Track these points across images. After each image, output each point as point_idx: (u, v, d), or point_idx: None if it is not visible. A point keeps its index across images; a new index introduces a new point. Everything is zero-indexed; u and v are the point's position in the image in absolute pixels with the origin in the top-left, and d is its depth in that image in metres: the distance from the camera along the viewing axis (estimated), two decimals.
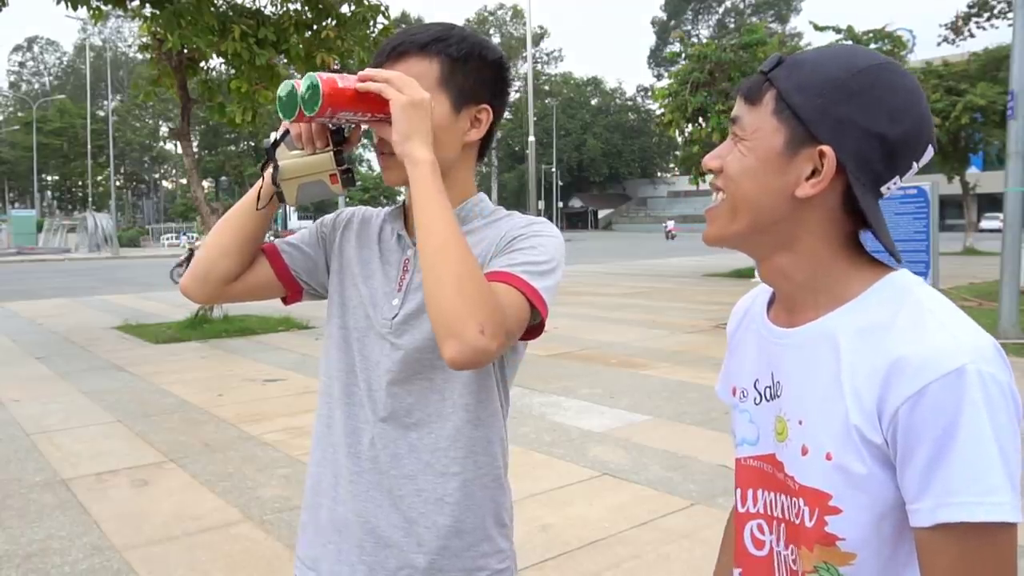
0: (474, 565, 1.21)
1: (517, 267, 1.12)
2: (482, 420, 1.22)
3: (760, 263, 0.95)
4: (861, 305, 0.87)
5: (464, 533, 1.21)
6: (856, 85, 0.85)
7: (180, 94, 10.37)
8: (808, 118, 0.85)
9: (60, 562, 3.42)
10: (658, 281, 18.08)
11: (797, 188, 0.86)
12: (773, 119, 0.88)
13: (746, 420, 1.00)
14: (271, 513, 3.99)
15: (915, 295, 0.85)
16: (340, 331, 1.28)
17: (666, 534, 3.61)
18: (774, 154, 0.87)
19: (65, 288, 18.23)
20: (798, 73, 0.87)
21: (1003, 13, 25.49)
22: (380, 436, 1.21)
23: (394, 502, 1.20)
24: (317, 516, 1.29)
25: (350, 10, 10.33)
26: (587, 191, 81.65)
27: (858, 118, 0.84)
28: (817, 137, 0.85)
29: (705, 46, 17.69)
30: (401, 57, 1.18)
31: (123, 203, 69.35)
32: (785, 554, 0.93)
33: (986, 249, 24.27)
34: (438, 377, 1.19)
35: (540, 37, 75.63)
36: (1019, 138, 8.63)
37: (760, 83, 0.90)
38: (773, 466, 0.94)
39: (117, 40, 73.24)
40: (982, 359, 0.77)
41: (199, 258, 1.28)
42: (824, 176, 0.85)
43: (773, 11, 71.59)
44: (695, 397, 6.23)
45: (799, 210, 0.88)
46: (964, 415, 0.75)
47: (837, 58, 0.87)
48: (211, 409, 6.16)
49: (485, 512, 1.23)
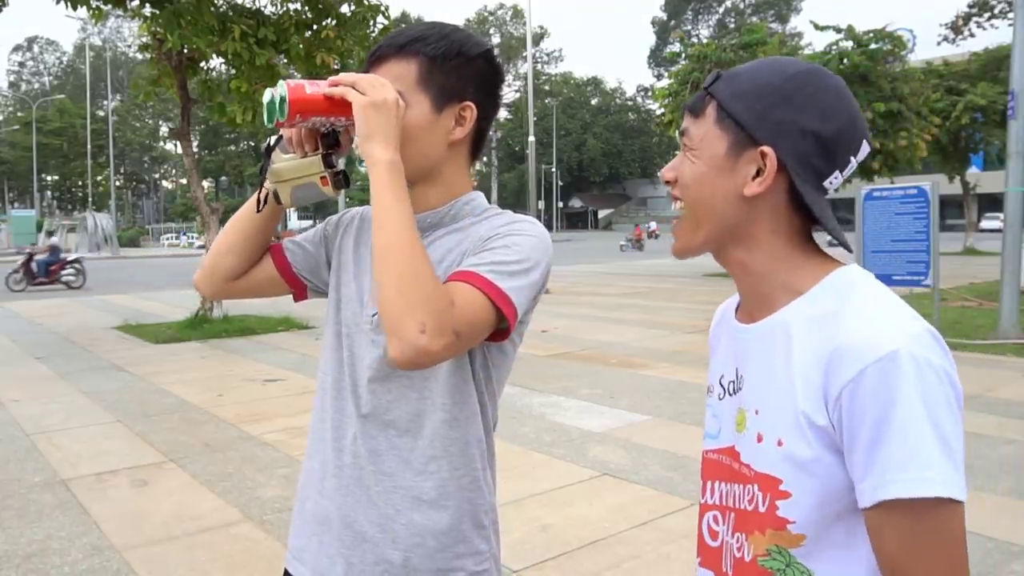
0: (449, 566, 1.21)
1: (483, 267, 1.12)
2: (459, 421, 1.22)
3: (722, 261, 1.01)
4: (812, 298, 0.92)
5: (439, 533, 1.21)
6: (789, 88, 0.92)
7: (180, 94, 10.37)
8: (748, 123, 0.92)
9: (60, 562, 3.42)
10: (658, 281, 18.08)
11: (745, 188, 0.93)
12: (716, 127, 0.95)
13: (710, 415, 1.07)
14: (271, 513, 3.99)
15: (860, 288, 0.90)
16: (335, 327, 1.30)
17: (666, 534, 3.61)
18: (719, 159, 0.95)
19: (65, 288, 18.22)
20: (735, 83, 0.95)
21: (1003, 13, 25.49)
22: (361, 432, 1.23)
23: (371, 498, 1.22)
24: (304, 508, 1.32)
25: (350, 10, 10.34)
26: (587, 191, 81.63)
27: (794, 118, 0.91)
28: (757, 140, 0.92)
29: (705, 46, 17.73)
30: (382, 61, 1.20)
31: (123, 203, 69.37)
32: (731, 542, 0.98)
33: (986, 249, 24.28)
34: (417, 376, 1.20)
35: (540, 37, 75.62)
36: (1019, 138, 8.63)
37: (702, 97, 0.98)
38: (731, 457, 0.99)
39: (117, 40, 73.35)
40: (916, 344, 0.82)
41: (209, 255, 1.37)
42: (767, 174, 0.92)
43: (773, 11, 71.56)
44: (695, 397, 6.22)
45: (751, 209, 0.94)
46: (899, 397, 0.80)
47: (770, 67, 0.95)
48: (211, 409, 6.16)
49: (462, 513, 1.23)
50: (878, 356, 0.81)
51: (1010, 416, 5.55)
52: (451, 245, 1.22)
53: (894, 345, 0.81)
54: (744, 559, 0.94)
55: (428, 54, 1.18)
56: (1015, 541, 3.48)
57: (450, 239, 1.23)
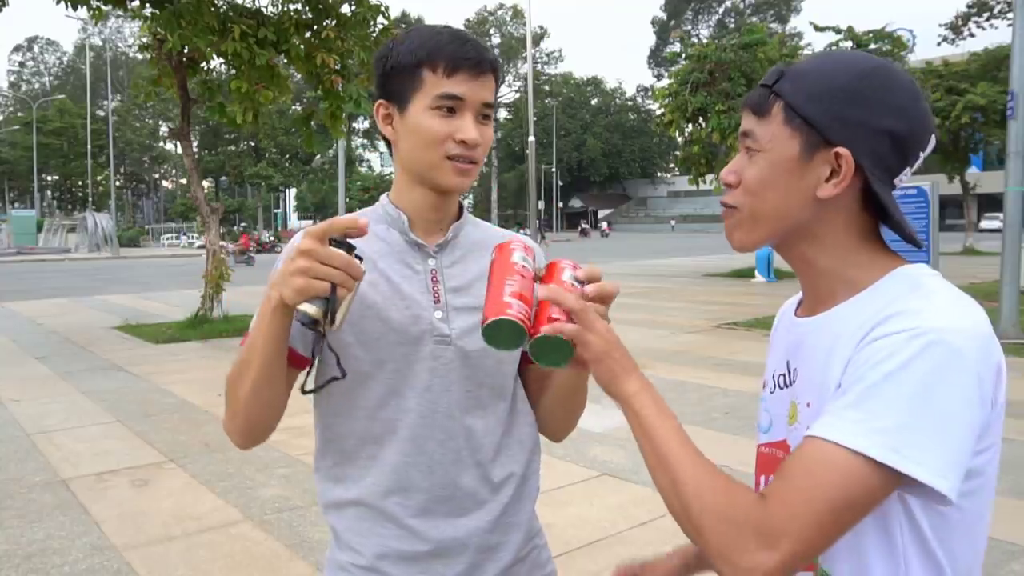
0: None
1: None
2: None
3: (786, 256, 0.99)
4: (874, 292, 0.91)
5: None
6: (863, 88, 0.90)
7: (180, 94, 10.37)
8: (822, 124, 0.90)
9: (60, 562, 3.42)
10: (658, 281, 18.07)
11: (818, 190, 0.91)
12: (786, 128, 0.92)
13: (762, 409, 1.06)
14: (271, 513, 3.99)
15: (927, 284, 0.88)
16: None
17: (666, 534, 3.61)
18: (791, 161, 0.92)
19: (65, 288, 18.22)
20: (803, 82, 0.92)
21: (1003, 13, 25.50)
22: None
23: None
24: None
25: (350, 10, 10.32)
26: (587, 191, 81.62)
27: (868, 119, 0.89)
28: (831, 141, 0.90)
29: (705, 46, 17.71)
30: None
31: (123, 203, 69.34)
32: None
33: (986, 249, 24.26)
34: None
35: (540, 37, 75.55)
36: (1019, 138, 8.63)
37: (765, 96, 0.94)
38: (783, 451, 0.98)
39: (117, 40, 73.32)
40: (959, 335, 0.80)
41: (242, 424, 1.19)
42: (844, 176, 0.90)
43: (773, 11, 71.59)
44: (695, 397, 6.22)
45: (821, 209, 0.93)
46: (912, 366, 0.78)
47: (839, 64, 0.93)
48: (211, 409, 6.16)
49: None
50: (909, 327, 0.80)
51: (1010, 416, 5.50)
52: None
53: (933, 328, 0.80)
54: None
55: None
56: (1015, 541, 3.48)
57: None
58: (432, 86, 1.15)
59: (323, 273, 0.97)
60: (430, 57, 1.15)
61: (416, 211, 1.24)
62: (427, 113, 1.15)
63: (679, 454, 0.87)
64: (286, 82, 10.64)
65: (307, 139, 11.25)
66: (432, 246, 1.23)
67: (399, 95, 1.18)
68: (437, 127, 1.15)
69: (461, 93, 1.15)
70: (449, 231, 1.25)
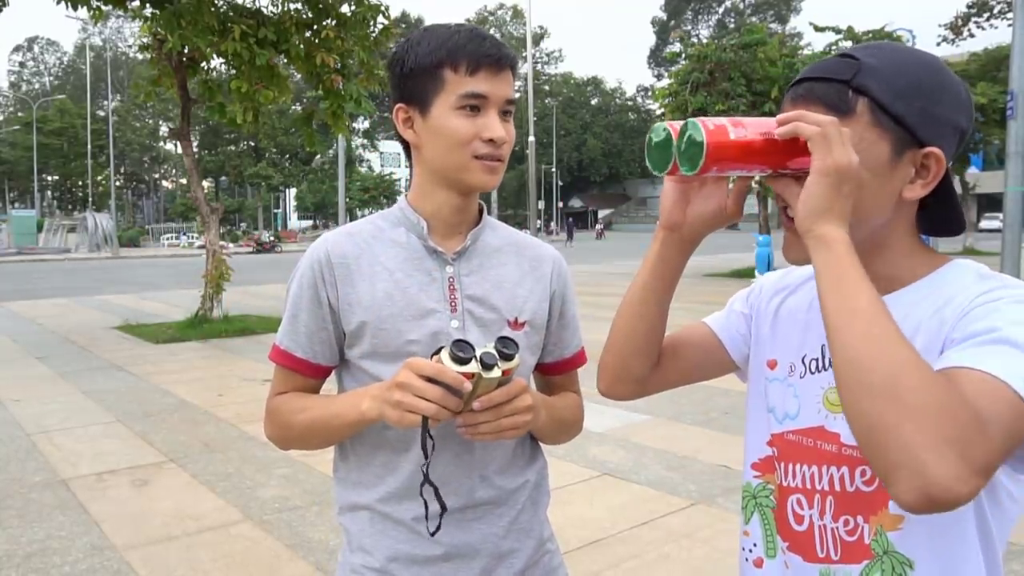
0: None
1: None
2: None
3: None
4: (929, 282, 0.91)
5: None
6: (940, 83, 0.88)
7: (180, 94, 10.37)
8: (913, 123, 0.86)
9: (60, 562, 3.42)
10: None
11: (905, 190, 0.89)
12: (875, 130, 0.87)
13: (791, 394, 1.01)
14: (271, 513, 3.99)
15: (986, 272, 0.90)
16: None
17: (666, 534, 3.61)
18: (882, 164, 0.88)
19: (65, 288, 18.22)
20: (883, 78, 0.87)
21: (1003, 13, 25.50)
22: None
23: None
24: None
25: (350, 10, 10.32)
26: (587, 191, 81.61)
27: (950, 116, 0.88)
28: (921, 140, 0.87)
29: (705, 46, 17.71)
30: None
31: (123, 203, 69.31)
32: (834, 527, 0.94)
33: (986, 249, 24.25)
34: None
35: (540, 37, 75.63)
36: (1019, 138, 8.64)
37: (845, 93, 0.88)
38: (819, 439, 0.95)
39: (117, 40, 73.35)
40: None
41: (295, 448, 1.32)
42: (934, 175, 0.88)
43: (773, 11, 71.67)
44: (695, 397, 6.22)
45: (897, 209, 0.91)
46: (1008, 302, 0.81)
47: (909, 58, 0.89)
48: (211, 409, 6.16)
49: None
50: (987, 291, 0.83)
51: None
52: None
53: (1005, 291, 0.83)
54: (863, 541, 0.91)
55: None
56: (1014, 541, 3.48)
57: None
58: (455, 86, 1.13)
59: (416, 407, 1.03)
60: (450, 56, 1.12)
61: (437, 214, 1.22)
62: (451, 113, 1.13)
63: (894, 329, 0.77)
64: (286, 82, 10.63)
65: (308, 139, 11.25)
66: (450, 253, 1.22)
67: (420, 97, 1.16)
68: (463, 127, 1.13)
69: (484, 91, 1.13)
70: (468, 237, 1.24)
